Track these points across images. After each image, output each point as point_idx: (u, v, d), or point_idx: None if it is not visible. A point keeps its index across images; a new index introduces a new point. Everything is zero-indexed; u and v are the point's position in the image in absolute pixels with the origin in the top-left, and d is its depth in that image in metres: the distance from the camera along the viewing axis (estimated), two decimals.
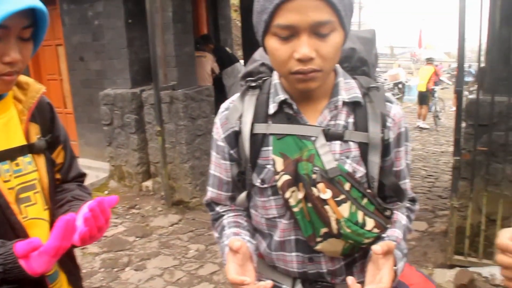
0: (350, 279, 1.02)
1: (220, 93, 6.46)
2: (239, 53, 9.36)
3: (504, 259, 0.89)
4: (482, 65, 4.03)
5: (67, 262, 1.32)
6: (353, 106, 1.19)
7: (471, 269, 3.66)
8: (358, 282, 1.05)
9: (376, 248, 1.03)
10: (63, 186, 1.37)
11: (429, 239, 4.60)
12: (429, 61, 12.94)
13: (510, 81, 3.40)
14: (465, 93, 3.96)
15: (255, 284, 1.04)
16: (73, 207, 1.24)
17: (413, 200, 1.35)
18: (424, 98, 12.14)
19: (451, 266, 3.81)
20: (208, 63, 6.62)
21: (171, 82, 5.57)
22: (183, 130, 5.53)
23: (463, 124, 3.78)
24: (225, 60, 7.05)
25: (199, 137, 5.67)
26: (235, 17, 11.62)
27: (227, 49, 7.84)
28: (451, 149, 3.85)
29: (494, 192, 3.66)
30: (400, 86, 18.25)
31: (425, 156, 8.64)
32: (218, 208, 1.35)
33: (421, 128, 11.92)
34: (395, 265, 1.10)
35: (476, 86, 3.91)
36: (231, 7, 8.84)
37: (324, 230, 1.13)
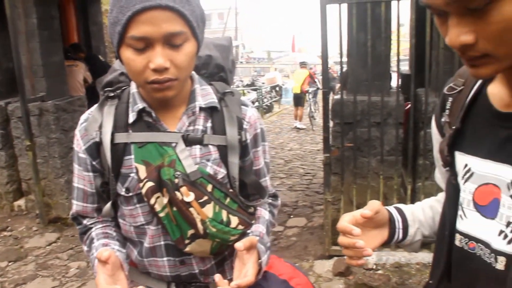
0: (217, 276, 1.07)
1: (94, 103, 6.19)
2: (114, 60, 9.08)
3: (344, 240, 0.98)
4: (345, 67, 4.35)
5: None
6: (210, 111, 1.24)
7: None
8: (229, 279, 1.10)
9: (238, 245, 1.09)
10: None
11: (309, 233, 4.85)
12: (303, 64, 13.71)
13: (369, 81, 3.72)
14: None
15: None
16: None
17: (274, 196, 1.45)
18: (299, 100, 12.77)
19: (330, 257, 4.06)
20: (80, 72, 6.35)
21: (39, 93, 5.24)
22: (55, 143, 5.24)
23: (331, 123, 4.05)
24: (99, 69, 6.79)
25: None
26: None
27: (100, 57, 7.58)
28: None
29: (362, 184, 3.98)
30: (277, 89, 18.98)
31: (303, 155, 9.08)
32: (85, 221, 1.33)
33: (298, 128, 12.50)
34: (259, 259, 1.18)
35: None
36: (103, 13, 8.54)
37: (191, 231, 1.17)
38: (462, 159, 0.93)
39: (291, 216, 5.36)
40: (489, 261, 0.85)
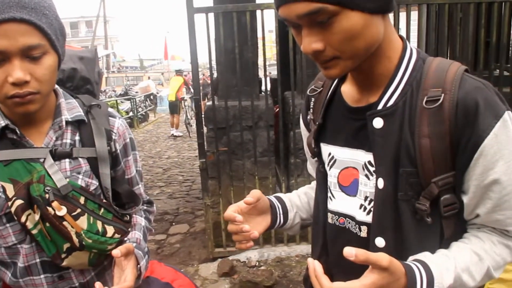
0: (97, 284, 1.09)
1: None
2: None
3: (233, 227, 1.08)
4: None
5: None
6: (78, 124, 1.25)
7: (230, 257, 4.06)
8: None
9: (115, 252, 1.11)
10: None
11: (192, 238, 4.90)
12: (178, 72, 13.75)
13: (239, 87, 3.88)
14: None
15: None
16: None
17: (149, 203, 1.50)
18: (175, 107, 12.76)
19: (214, 259, 4.15)
20: None
21: None
22: None
23: (205, 129, 4.14)
24: None
25: None
26: None
27: None
28: None
29: (239, 186, 4.12)
30: (151, 97, 18.74)
31: (181, 162, 9.10)
32: None
33: (175, 136, 12.49)
34: (138, 264, 1.21)
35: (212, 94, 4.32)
36: None
37: (66, 245, 1.17)
38: (326, 149, 1.11)
39: (173, 224, 5.37)
40: (355, 232, 1.04)
